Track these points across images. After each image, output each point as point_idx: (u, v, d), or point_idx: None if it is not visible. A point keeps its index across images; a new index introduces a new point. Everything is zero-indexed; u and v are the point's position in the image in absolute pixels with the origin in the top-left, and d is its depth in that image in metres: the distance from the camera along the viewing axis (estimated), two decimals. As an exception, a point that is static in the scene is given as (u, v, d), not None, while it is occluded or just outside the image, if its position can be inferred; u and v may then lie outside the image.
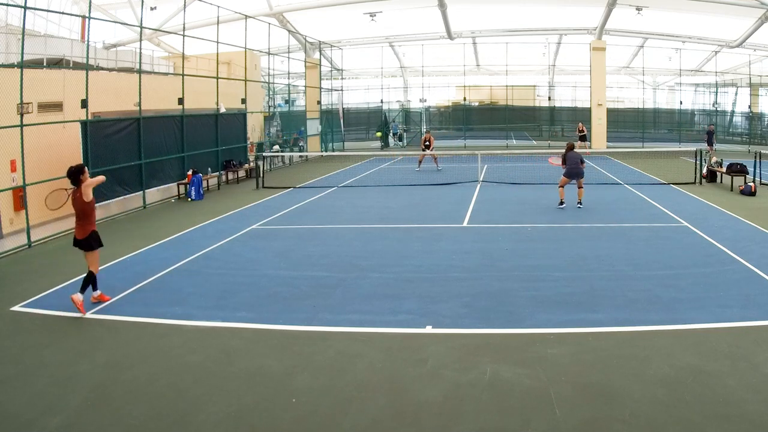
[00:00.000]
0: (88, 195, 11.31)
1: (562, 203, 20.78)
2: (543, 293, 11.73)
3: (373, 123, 58.35)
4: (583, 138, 42.38)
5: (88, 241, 11.30)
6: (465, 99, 55.02)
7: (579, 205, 20.59)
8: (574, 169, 20.53)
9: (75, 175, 11.30)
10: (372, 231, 18.00)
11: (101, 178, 11.97)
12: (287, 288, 12.44)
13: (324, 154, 42.91)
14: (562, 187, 20.94)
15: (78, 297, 10.98)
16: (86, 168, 11.59)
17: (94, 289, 11.56)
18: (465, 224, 18.68)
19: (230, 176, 30.23)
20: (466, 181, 27.83)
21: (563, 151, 21.31)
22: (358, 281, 12.85)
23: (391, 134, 54.38)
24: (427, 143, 33.44)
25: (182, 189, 25.35)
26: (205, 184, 26.48)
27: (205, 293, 12.21)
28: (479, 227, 18.17)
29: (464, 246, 15.78)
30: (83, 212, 11.29)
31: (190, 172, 25.19)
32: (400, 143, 53.24)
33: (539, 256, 14.61)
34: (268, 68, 38.21)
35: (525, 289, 11.99)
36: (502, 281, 12.61)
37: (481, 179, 27.91)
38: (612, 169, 31.43)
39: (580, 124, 43.81)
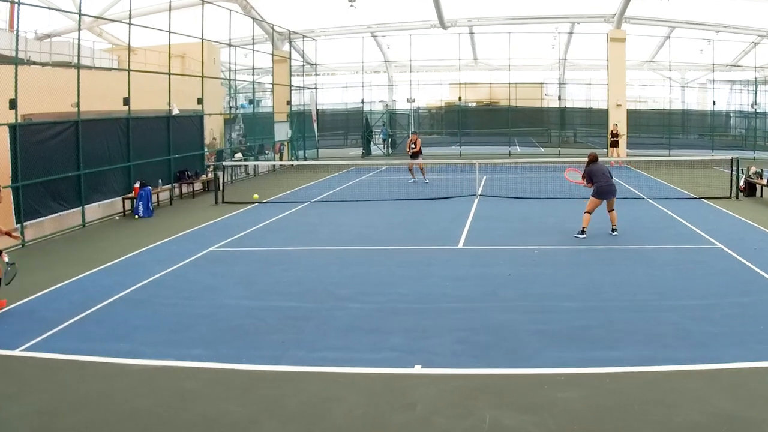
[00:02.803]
0: None
1: (583, 233, 19.08)
2: (552, 327, 11.78)
3: (353, 127, 58.45)
4: (614, 144, 41.18)
5: None
6: (460, 99, 55.26)
7: (613, 233, 19.26)
8: (606, 186, 19.07)
9: None
10: (351, 253, 18.07)
11: None
12: (251, 321, 12.45)
13: (295, 163, 42.95)
14: (590, 212, 19.18)
15: None
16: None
17: None
18: (460, 246, 18.76)
19: (184, 189, 30.22)
20: (461, 195, 27.93)
21: (583, 163, 19.96)
22: (335, 313, 12.88)
23: (380, 139, 54.29)
24: (413, 146, 33.40)
25: (128, 204, 25.29)
26: (154, 198, 26.43)
27: (155, 327, 12.20)
28: (477, 249, 18.25)
29: (459, 271, 15.85)
30: None
31: (137, 185, 25.12)
32: (392, 150, 53.15)
33: (547, 283, 14.70)
34: (229, 63, 38.30)
35: (531, 322, 12.04)
36: (504, 313, 12.67)
37: (479, 193, 28.02)
38: (633, 181, 31.58)
39: (615, 125, 42.38)
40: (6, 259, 13.49)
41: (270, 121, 43.95)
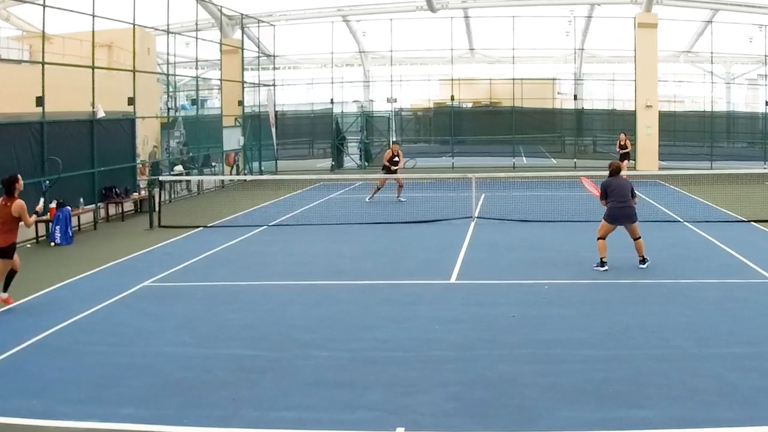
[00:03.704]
0: (25, 218, 16.47)
1: (603, 264, 19.11)
2: (566, 380, 11.81)
3: (320, 133, 58.13)
4: (625, 156, 41.14)
5: (8, 249, 15.97)
6: (453, 98, 55.14)
7: (642, 265, 19.20)
8: (620, 208, 18.93)
9: (10, 185, 16.29)
10: (318, 290, 18.11)
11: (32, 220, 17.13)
12: (195, 373, 12.46)
13: (248, 178, 42.94)
14: (603, 238, 19.14)
15: (2, 294, 16.04)
16: (20, 177, 16.56)
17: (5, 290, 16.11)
18: (453, 280, 18.87)
19: (112, 210, 30.17)
20: (454, 217, 28.02)
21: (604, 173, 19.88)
22: (298, 363, 12.90)
23: (359, 149, 53.82)
24: (396, 159, 33.68)
25: (42, 229, 25.27)
26: (75, 221, 26.37)
27: (76, 380, 12.17)
28: (473, 285, 18.37)
29: (452, 312, 15.91)
30: (8, 223, 16.15)
31: (53, 205, 25.00)
32: (368, 162, 52.53)
33: (560, 326, 14.76)
34: (167, 54, 38.31)
35: (540, 375, 12.08)
36: (506, 363, 12.71)
37: (476, 215, 28.13)
38: (667, 200, 31.70)
39: (623, 135, 42.45)
40: None
41: (218, 126, 43.91)
